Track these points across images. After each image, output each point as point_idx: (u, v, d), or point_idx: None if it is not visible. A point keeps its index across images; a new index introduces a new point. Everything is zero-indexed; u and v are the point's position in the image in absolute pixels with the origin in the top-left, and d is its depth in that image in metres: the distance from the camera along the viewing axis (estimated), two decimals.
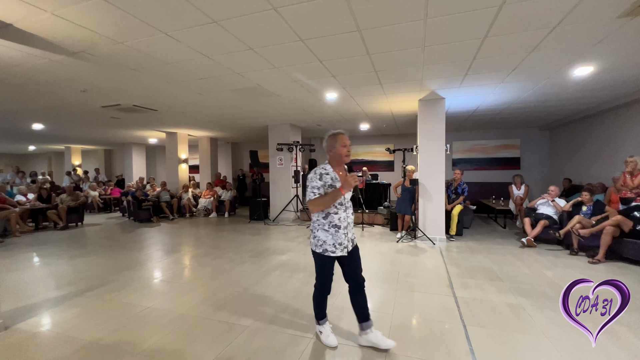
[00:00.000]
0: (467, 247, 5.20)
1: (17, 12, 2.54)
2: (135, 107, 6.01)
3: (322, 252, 2.19)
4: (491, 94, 5.34)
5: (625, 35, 3.08)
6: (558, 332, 2.49)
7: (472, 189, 8.48)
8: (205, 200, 9.31)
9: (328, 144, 2.28)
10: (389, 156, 10.96)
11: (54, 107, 5.91)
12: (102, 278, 3.86)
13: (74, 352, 2.29)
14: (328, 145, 2.28)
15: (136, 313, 2.90)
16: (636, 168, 4.68)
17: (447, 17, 2.73)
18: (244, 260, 4.54)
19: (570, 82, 4.65)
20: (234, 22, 2.76)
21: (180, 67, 3.88)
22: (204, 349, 2.30)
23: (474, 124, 8.58)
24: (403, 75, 4.34)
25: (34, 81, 4.32)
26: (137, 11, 2.56)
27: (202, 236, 6.40)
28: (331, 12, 2.62)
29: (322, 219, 2.21)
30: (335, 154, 2.25)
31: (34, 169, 15.00)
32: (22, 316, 2.85)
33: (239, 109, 6.34)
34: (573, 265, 4.23)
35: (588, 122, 7.12)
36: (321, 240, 2.20)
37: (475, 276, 3.80)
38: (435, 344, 2.36)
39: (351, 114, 7.12)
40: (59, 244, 5.76)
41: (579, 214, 4.88)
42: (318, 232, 2.22)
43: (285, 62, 3.77)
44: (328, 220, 2.20)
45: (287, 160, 8.35)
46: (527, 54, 3.55)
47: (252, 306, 3.02)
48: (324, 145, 2.32)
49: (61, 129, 8.88)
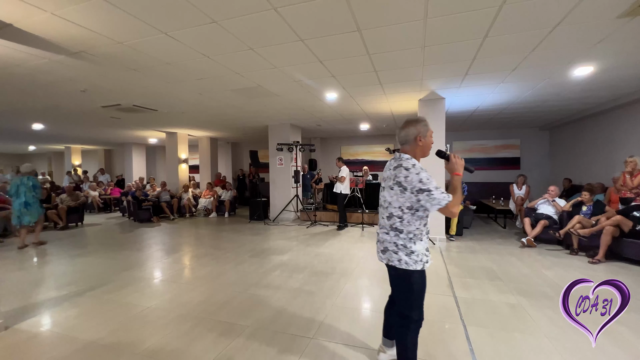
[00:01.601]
0: (467, 247, 5.20)
1: (17, 12, 2.54)
2: (135, 107, 6.01)
3: (422, 267, 1.76)
4: (491, 94, 5.34)
5: (625, 35, 3.08)
6: (558, 332, 2.49)
7: (472, 189, 8.49)
8: (205, 200, 9.31)
9: (418, 132, 1.79)
10: (389, 156, 10.91)
11: (54, 107, 5.91)
12: (102, 278, 3.86)
13: (74, 352, 2.29)
14: (418, 133, 1.79)
15: (136, 313, 2.90)
16: (636, 168, 4.68)
17: (447, 17, 2.73)
18: (244, 260, 4.54)
19: (570, 82, 4.65)
20: (234, 22, 2.76)
21: (180, 67, 3.88)
22: (204, 349, 2.30)
23: (474, 124, 8.58)
24: (403, 75, 4.34)
25: (34, 81, 4.32)
26: (137, 11, 2.56)
27: (202, 236, 6.40)
28: (331, 12, 2.62)
29: (423, 225, 1.78)
30: (425, 144, 1.81)
31: (34, 169, 14.98)
32: (22, 316, 2.85)
33: (239, 109, 6.34)
34: (573, 265, 4.23)
35: (588, 122, 7.12)
36: (421, 253, 1.75)
37: (475, 276, 3.80)
38: (435, 344, 2.36)
39: (351, 114, 7.12)
40: (59, 244, 5.77)
41: (579, 214, 4.88)
42: (416, 244, 1.75)
43: (285, 62, 3.77)
44: (427, 226, 1.81)
45: (287, 160, 8.35)
46: (527, 54, 3.55)
47: (252, 306, 3.02)
48: (405, 134, 1.82)
49: (61, 129, 8.88)
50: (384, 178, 1.90)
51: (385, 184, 1.86)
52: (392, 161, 1.86)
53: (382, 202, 1.88)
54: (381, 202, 1.88)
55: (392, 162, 1.84)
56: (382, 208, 1.87)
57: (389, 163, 1.88)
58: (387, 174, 1.86)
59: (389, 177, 1.82)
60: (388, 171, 1.85)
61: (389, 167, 1.86)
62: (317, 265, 4.25)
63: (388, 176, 1.84)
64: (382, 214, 1.86)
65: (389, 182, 1.81)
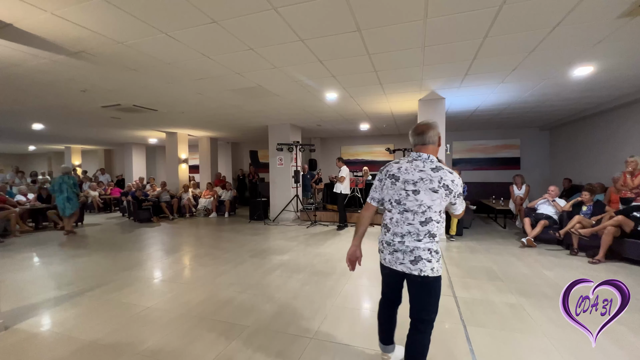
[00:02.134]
0: (467, 247, 5.20)
1: (17, 12, 2.54)
2: (135, 107, 6.01)
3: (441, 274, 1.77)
4: (491, 94, 5.34)
5: (625, 35, 3.08)
6: (558, 332, 2.49)
7: (472, 189, 8.48)
8: (205, 200, 9.31)
9: (439, 135, 1.81)
10: (389, 156, 10.94)
11: (54, 107, 5.92)
12: (102, 278, 3.86)
13: (74, 352, 2.29)
14: (437, 136, 1.80)
15: (136, 313, 2.90)
16: (636, 168, 4.67)
17: (447, 17, 2.73)
18: (244, 260, 4.54)
19: (570, 82, 4.65)
20: (234, 22, 2.75)
21: (180, 67, 3.88)
22: (204, 349, 2.30)
23: (474, 124, 8.58)
24: (403, 75, 4.34)
25: (34, 81, 4.32)
26: (137, 11, 2.56)
27: (202, 236, 6.40)
28: (331, 12, 2.62)
29: None
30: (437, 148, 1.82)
31: (34, 169, 14.99)
32: (22, 316, 2.85)
33: (239, 109, 6.34)
34: (573, 265, 4.23)
35: (588, 122, 7.12)
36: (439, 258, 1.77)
37: (475, 276, 3.80)
38: (435, 344, 2.35)
39: (351, 114, 7.12)
40: (59, 244, 5.77)
41: (579, 214, 4.88)
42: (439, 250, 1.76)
43: (285, 62, 3.77)
44: None
45: (287, 160, 8.35)
46: (527, 54, 3.55)
47: (252, 306, 3.02)
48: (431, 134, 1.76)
49: (61, 129, 8.88)
50: (411, 181, 1.71)
51: (420, 187, 1.68)
52: (418, 162, 1.73)
53: (411, 206, 1.70)
54: (409, 207, 1.70)
55: (421, 164, 1.72)
56: (410, 213, 1.70)
57: (414, 164, 1.73)
58: (417, 176, 1.70)
59: (426, 179, 1.67)
60: (418, 172, 1.70)
61: (419, 168, 1.71)
62: (317, 266, 4.25)
63: (424, 178, 1.68)
64: (411, 220, 1.70)
65: (428, 185, 1.66)
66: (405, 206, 1.72)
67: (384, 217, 1.85)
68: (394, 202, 1.76)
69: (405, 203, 1.72)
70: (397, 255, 1.75)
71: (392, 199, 1.77)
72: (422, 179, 1.69)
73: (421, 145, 1.78)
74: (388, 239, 1.79)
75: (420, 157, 1.75)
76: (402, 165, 1.77)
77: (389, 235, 1.79)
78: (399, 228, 1.74)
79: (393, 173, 1.77)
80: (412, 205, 1.70)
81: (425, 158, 1.73)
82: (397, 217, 1.75)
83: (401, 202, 1.73)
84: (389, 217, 1.80)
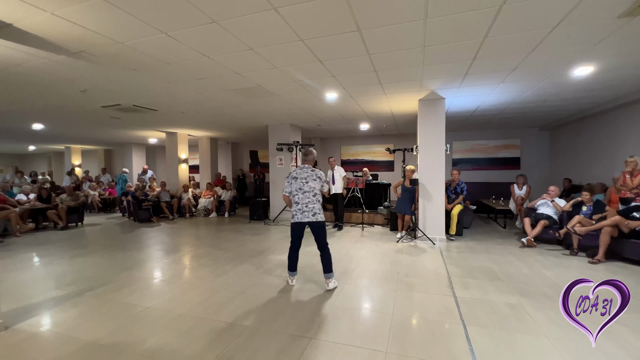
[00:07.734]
0: (467, 247, 5.20)
1: (17, 12, 2.54)
2: (135, 107, 6.01)
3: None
4: (491, 94, 5.34)
5: (625, 35, 3.08)
6: (558, 332, 2.49)
7: (472, 189, 8.49)
8: (205, 200, 9.30)
9: (314, 159, 3.57)
10: (389, 156, 10.96)
11: (54, 107, 5.92)
12: (102, 278, 3.86)
13: (74, 352, 2.29)
14: (314, 159, 3.60)
15: (136, 313, 2.91)
16: (636, 168, 4.67)
17: (447, 17, 2.73)
18: (244, 261, 4.54)
19: (570, 82, 4.65)
20: (234, 22, 2.76)
21: (180, 67, 3.88)
22: (204, 349, 2.30)
23: (474, 124, 8.58)
24: (403, 75, 4.34)
25: (34, 81, 4.32)
26: (137, 11, 2.56)
27: (202, 236, 6.40)
28: (331, 12, 2.62)
29: None
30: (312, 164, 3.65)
31: (34, 169, 14.98)
32: (22, 316, 2.85)
33: (239, 109, 6.34)
34: (573, 265, 4.23)
35: (588, 122, 7.12)
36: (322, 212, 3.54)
37: (475, 276, 3.80)
38: (435, 344, 2.36)
39: (351, 114, 7.12)
40: (59, 244, 5.76)
41: (579, 214, 4.88)
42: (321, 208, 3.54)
43: (285, 62, 3.77)
44: None
45: (287, 160, 8.35)
46: (527, 54, 3.55)
47: (252, 306, 3.02)
48: (311, 157, 3.57)
49: (61, 129, 8.88)
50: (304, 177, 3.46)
51: (309, 179, 3.43)
52: (304, 168, 3.46)
53: (307, 189, 3.40)
54: (306, 190, 3.40)
55: (306, 169, 3.47)
56: (308, 193, 3.40)
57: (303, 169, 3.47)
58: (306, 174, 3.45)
59: (310, 175, 3.45)
60: (305, 173, 3.45)
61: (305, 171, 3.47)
62: (317, 265, 4.25)
63: (309, 175, 3.44)
64: (309, 196, 3.40)
65: (312, 177, 3.43)
66: (304, 190, 3.39)
67: (293, 199, 3.43)
68: (298, 189, 3.40)
69: (304, 188, 3.39)
70: (305, 213, 3.35)
71: (297, 188, 3.41)
72: (309, 175, 3.42)
73: (305, 161, 3.54)
74: (299, 207, 3.38)
75: (305, 166, 3.47)
76: (297, 170, 3.46)
77: (300, 206, 3.38)
78: (303, 201, 3.37)
79: (294, 175, 3.45)
80: (307, 189, 3.39)
81: (307, 167, 3.48)
82: (301, 196, 3.38)
83: (302, 188, 3.39)
84: (297, 197, 3.40)
